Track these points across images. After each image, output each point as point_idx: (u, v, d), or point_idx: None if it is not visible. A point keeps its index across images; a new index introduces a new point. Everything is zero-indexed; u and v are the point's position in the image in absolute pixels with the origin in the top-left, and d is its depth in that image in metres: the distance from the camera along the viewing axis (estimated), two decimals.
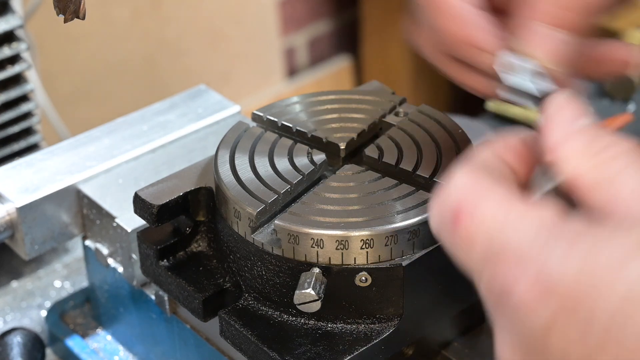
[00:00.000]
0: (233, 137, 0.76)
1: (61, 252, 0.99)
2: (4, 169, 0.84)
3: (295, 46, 2.40)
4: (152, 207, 0.73)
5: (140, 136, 0.87)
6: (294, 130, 0.76)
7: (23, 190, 0.82)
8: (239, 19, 2.22)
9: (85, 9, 0.70)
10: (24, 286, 0.95)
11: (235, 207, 0.70)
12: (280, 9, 2.31)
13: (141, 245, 0.75)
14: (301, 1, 2.36)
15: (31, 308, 0.93)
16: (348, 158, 0.75)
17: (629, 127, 1.10)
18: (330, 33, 2.47)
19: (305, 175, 0.72)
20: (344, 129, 0.76)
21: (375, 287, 0.68)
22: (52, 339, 0.89)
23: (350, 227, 0.67)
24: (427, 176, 0.71)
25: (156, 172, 0.84)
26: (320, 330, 0.69)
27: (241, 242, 0.70)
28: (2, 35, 0.95)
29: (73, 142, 0.87)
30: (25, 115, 0.99)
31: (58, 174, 0.83)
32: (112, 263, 0.82)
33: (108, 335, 0.89)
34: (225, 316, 0.70)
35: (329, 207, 0.69)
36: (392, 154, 0.73)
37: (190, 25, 2.12)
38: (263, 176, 0.72)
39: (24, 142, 0.99)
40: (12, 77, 0.97)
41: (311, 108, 0.79)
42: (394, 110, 0.78)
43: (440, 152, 0.73)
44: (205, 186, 0.74)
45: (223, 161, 0.73)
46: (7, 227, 0.81)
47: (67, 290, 0.95)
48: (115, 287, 0.84)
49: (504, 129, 0.66)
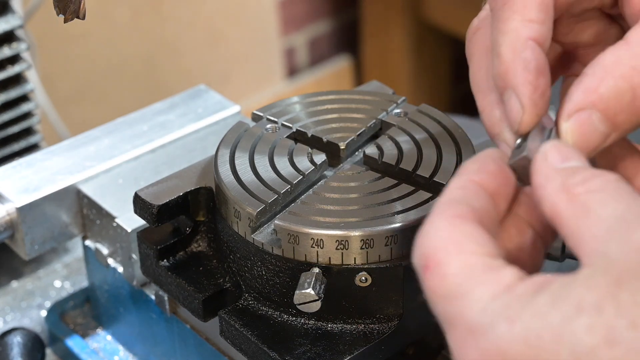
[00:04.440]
0: (233, 137, 0.76)
1: (61, 252, 0.99)
2: (4, 169, 0.84)
3: (295, 46, 2.40)
4: (152, 207, 0.73)
5: (140, 136, 0.87)
6: (294, 130, 0.76)
7: (23, 190, 0.82)
8: (239, 19, 2.22)
9: (85, 9, 0.70)
10: (24, 286, 0.95)
11: (235, 207, 0.70)
12: (280, 9, 2.31)
13: (141, 245, 0.75)
14: (301, 1, 2.36)
15: (31, 308, 0.93)
16: (348, 158, 0.75)
17: None
18: (330, 33, 2.47)
19: (305, 175, 0.72)
20: (344, 129, 0.76)
21: (375, 287, 0.68)
22: (52, 339, 0.89)
23: (350, 227, 0.67)
24: (427, 176, 0.71)
25: (156, 172, 0.84)
26: (320, 330, 0.69)
27: (241, 242, 0.70)
28: (2, 35, 0.95)
29: (73, 142, 0.87)
30: (25, 115, 0.99)
31: (58, 174, 0.83)
32: (112, 263, 0.82)
33: (108, 335, 0.89)
34: (225, 316, 0.70)
35: (329, 207, 0.69)
36: (392, 154, 0.73)
37: (190, 25, 2.12)
38: (263, 176, 0.72)
39: (24, 142, 0.99)
40: (12, 77, 0.97)
41: (311, 108, 0.79)
42: (394, 110, 0.78)
43: (440, 152, 0.73)
44: (205, 186, 0.74)
45: (223, 161, 0.73)
46: (7, 227, 0.81)
47: (67, 290, 0.95)
48: (115, 287, 0.84)
49: None
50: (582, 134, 0.57)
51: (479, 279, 0.50)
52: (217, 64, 2.21)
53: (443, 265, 0.51)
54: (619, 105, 0.56)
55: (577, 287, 0.47)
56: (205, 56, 2.17)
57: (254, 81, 2.32)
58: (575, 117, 0.57)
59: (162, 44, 2.07)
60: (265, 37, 2.30)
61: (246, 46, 2.26)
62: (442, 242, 0.52)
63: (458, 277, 0.50)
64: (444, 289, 0.50)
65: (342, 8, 2.46)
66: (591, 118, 0.57)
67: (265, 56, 2.32)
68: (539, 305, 0.47)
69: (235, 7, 2.20)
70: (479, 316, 0.48)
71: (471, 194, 0.55)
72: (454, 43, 2.37)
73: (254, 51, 2.29)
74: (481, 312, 0.48)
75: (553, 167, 0.53)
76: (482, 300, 0.49)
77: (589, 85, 0.57)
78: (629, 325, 0.45)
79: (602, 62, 0.57)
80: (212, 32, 2.17)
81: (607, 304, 0.45)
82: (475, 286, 0.50)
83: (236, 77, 2.27)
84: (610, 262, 0.47)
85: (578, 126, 0.57)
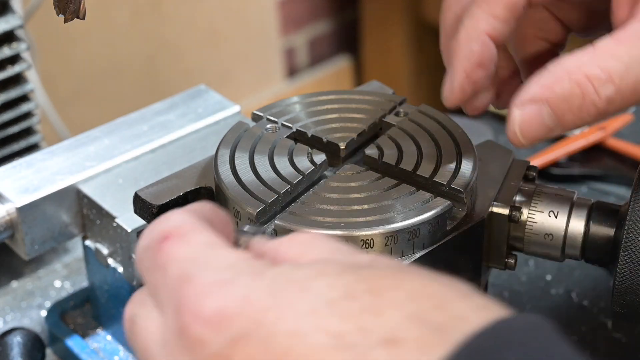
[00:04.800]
0: (233, 137, 0.76)
1: (61, 252, 0.99)
2: (4, 169, 0.84)
3: (295, 46, 2.40)
4: (152, 207, 0.73)
5: (140, 136, 0.87)
6: (294, 130, 0.76)
7: (23, 190, 0.82)
8: (239, 19, 2.22)
9: (85, 9, 0.70)
10: (24, 286, 0.95)
11: (235, 207, 0.70)
12: (280, 9, 2.31)
13: None
14: (301, 1, 2.36)
15: (31, 308, 0.93)
16: (348, 158, 0.75)
17: (629, 127, 1.10)
18: (330, 33, 2.47)
19: (305, 175, 0.72)
20: (344, 129, 0.76)
21: None
22: (52, 339, 0.89)
23: (350, 227, 0.67)
24: (427, 176, 0.71)
25: (156, 172, 0.84)
26: None
27: None
28: (2, 35, 0.95)
29: (73, 142, 0.87)
30: (25, 115, 0.99)
31: (58, 174, 0.83)
32: (112, 263, 0.82)
33: (108, 335, 0.89)
34: None
35: (329, 207, 0.69)
36: (392, 154, 0.73)
37: (190, 25, 2.12)
38: (263, 176, 0.72)
39: (24, 142, 0.99)
40: (12, 77, 0.97)
41: (311, 108, 0.79)
42: (394, 110, 0.78)
43: (440, 152, 0.73)
44: (205, 186, 0.74)
45: (223, 161, 0.73)
46: (7, 227, 0.81)
47: (67, 290, 0.95)
48: (115, 287, 0.84)
49: (504, 129, 0.67)
50: (529, 124, 0.62)
51: (222, 247, 0.52)
52: (217, 64, 2.21)
53: (188, 235, 0.52)
54: (567, 107, 0.62)
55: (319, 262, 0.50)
56: (205, 56, 2.17)
57: (254, 81, 2.32)
58: (527, 108, 0.62)
59: (162, 44, 2.07)
60: (265, 37, 2.30)
61: (246, 46, 2.26)
62: (186, 223, 0.53)
63: (204, 244, 0.52)
64: (185, 252, 0.51)
65: (342, 8, 2.46)
66: (541, 111, 0.62)
67: (265, 56, 2.32)
68: (283, 269, 0.49)
69: (235, 7, 2.20)
70: (223, 271, 0.49)
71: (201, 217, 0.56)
72: None
73: (254, 51, 2.29)
74: (226, 268, 0.50)
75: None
76: (228, 259, 0.50)
77: (546, 81, 0.62)
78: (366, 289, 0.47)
79: (564, 63, 0.62)
80: (212, 32, 2.17)
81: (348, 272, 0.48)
82: (220, 250, 0.51)
83: (236, 77, 2.27)
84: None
85: (527, 116, 0.62)
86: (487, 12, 0.65)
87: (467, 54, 0.65)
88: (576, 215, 0.71)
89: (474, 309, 0.46)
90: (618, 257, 0.68)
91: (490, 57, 0.66)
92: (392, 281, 0.48)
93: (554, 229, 0.71)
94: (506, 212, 0.71)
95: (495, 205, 0.72)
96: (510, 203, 0.72)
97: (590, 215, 0.71)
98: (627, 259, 0.67)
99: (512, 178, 0.73)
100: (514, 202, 0.72)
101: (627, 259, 0.67)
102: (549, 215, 0.71)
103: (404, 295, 0.47)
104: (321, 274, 0.48)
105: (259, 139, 0.75)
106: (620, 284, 0.68)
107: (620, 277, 0.68)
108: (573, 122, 0.62)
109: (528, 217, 0.71)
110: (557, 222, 0.71)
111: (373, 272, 0.48)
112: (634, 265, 0.67)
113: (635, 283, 0.68)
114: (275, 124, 0.77)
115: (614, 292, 0.69)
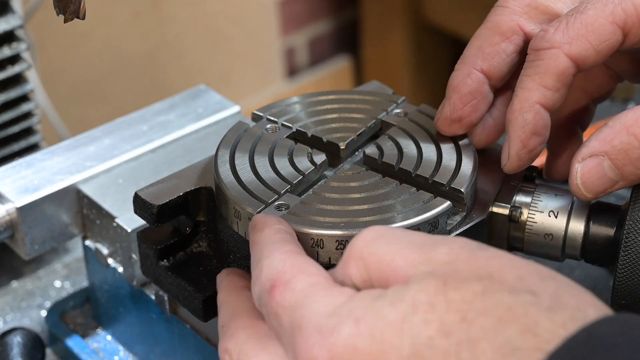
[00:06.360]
0: (233, 137, 0.76)
1: (61, 252, 0.99)
2: (4, 169, 0.84)
3: (295, 46, 2.40)
4: (152, 207, 0.73)
5: (140, 136, 0.87)
6: (294, 130, 0.76)
7: (23, 190, 0.82)
8: (239, 19, 2.22)
9: (85, 9, 0.70)
10: (24, 286, 0.95)
11: (235, 207, 0.70)
12: (280, 9, 2.31)
13: (141, 245, 0.75)
14: (301, 1, 2.36)
15: (31, 308, 0.93)
16: (348, 158, 0.75)
17: None
18: (330, 33, 2.47)
19: (305, 175, 0.72)
20: (344, 128, 0.76)
21: None
22: (52, 339, 0.89)
23: (350, 227, 0.67)
24: (427, 176, 0.71)
25: (156, 172, 0.84)
26: None
27: (241, 242, 0.70)
28: (2, 35, 0.95)
29: (73, 142, 0.87)
30: (25, 115, 0.99)
31: (58, 174, 0.83)
32: (112, 263, 0.82)
33: (108, 335, 0.89)
34: None
35: (329, 207, 0.69)
36: (392, 154, 0.73)
37: (190, 25, 2.12)
38: (263, 176, 0.72)
39: (24, 142, 0.99)
40: (12, 77, 0.97)
41: (311, 108, 0.79)
42: (394, 110, 0.78)
43: (440, 152, 0.73)
44: (205, 186, 0.74)
45: (223, 161, 0.73)
46: (7, 227, 0.81)
47: (67, 290, 0.95)
48: (115, 287, 0.84)
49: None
50: (590, 177, 0.66)
51: (324, 291, 0.56)
52: (217, 64, 2.21)
53: (291, 282, 0.57)
54: (627, 159, 0.65)
55: (410, 291, 0.53)
56: (205, 56, 2.17)
57: (254, 81, 2.32)
58: (588, 161, 0.66)
59: (162, 43, 2.08)
60: (265, 37, 2.30)
61: (246, 46, 2.26)
62: (286, 267, 0.58)
63: (305, 290, 0.56)
64: (291, 300, 0.56)
65: (342, 8, 2.46)
66: (602, 164, 0.66)
67: (265, 56, 2.32)
68: (380, 308, 0.53)
69: (236, 7, 2.21)
70: (327, 319, 0.54)
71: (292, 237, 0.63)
72: (454, 43, 2.37)
73: (254, 51, 2.29)
74: (329, 316, 0.54)
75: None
76: (329, 306, 0.55)
77: (605, 136, 0.66)
78: (459, 319, 0.50)
79: (622, 118, 0.66)
80: (213, 32, 2.17)
81: (438, 302, 0.51)
82: (322, 296, 0.56)
83: (236, 77, 2.27)
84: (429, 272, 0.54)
85: (588, 169, 0.66)
86: (538, 83, 0.68)
87: (522, 123, 0.68)
88: (576, 215, 0.71)
89: (560, 325, 0.49)
90: (618, 257, 0.68)
91: (544, 125, 0.68)
92: (482, 304, 0.51)
93: (554, 229, 0.71)
94: (506, 212, 0.71)
95: (495, 205, 0.72)
96: (510, 203, 0.72)
97: (590, 216, 0.71)
98: (627, 259, 0.67)
99: (512, 178, 0.73)
100: (514, 202, 0.72)
101: (627, 259, 0.67)
102: (549, 215, 0.71)
103: (492, 323, 0.50)
104: (414, 309, 0.52)
105: (259, 139, 0.75)
106: (620, 284, 0.68)
107: (620, 277, 0.68)
108: (634, 174, 0.66)
109: (528, 217, 0.71)
110: (557, 222, 0.71)
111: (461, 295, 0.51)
112: (634, 265, 0.67)
113: (635, 283, 0.68)
114: (275, 124, 0.77)
115: (614, 292, 0.69)
